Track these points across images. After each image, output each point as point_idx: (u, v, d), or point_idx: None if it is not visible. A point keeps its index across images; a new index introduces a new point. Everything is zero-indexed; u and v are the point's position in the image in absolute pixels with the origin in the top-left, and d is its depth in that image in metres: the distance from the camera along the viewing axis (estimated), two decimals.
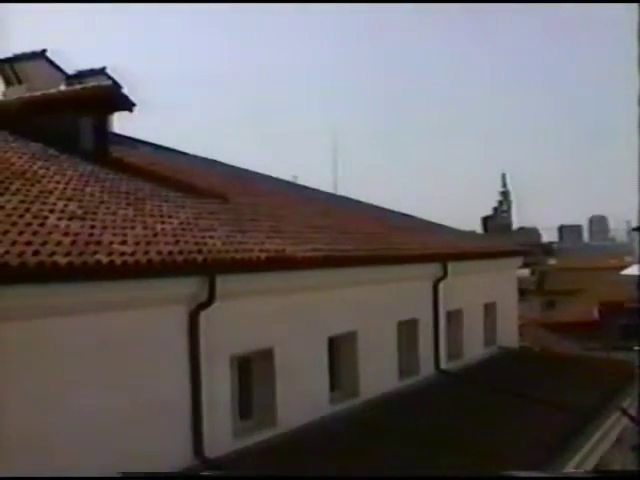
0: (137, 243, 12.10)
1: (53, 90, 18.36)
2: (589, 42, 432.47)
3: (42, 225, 11.43)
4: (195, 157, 23.84)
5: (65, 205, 12.90)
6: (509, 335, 26.18)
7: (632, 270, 59.94)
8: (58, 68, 22.76)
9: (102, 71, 21.79)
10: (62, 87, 19.36)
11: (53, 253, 10.43)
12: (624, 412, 22.43)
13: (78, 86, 19.26)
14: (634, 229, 77.31)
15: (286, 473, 12.05)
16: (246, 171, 24.72)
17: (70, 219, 12.20)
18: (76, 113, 17.64)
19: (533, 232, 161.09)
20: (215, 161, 24.43)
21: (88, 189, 14.58)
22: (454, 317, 22.11)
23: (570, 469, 16.84)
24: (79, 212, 12.76)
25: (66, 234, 11.33)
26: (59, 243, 10.86)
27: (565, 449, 16.72)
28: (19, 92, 19.67)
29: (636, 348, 44.02)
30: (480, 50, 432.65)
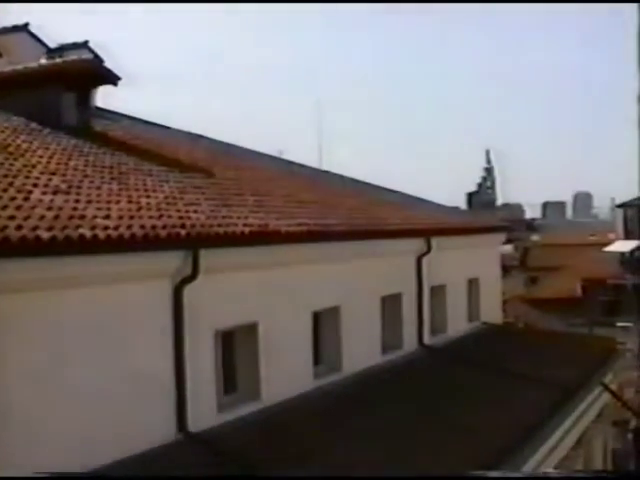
0: (121, 217, 12.07)
1: (34, 64, 18.22)
2: (581, 21, 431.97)
3: (26, 199, 11.39)
4: (179, 131, 23.74)
5: (49, 179, 12.85)
6: (492, 311, 26.27)
7: (615, 247, 60.29)
8: (40, 41, 22.61)
9: (85, 45, 21.64)
10: (43, 61, 19.22)
11: (36, 227, 10.39)
12: (606, 387, 22.58)
13: (59, 60, 19.13)
14: (618, 206, 77.81)
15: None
16: (230, 145, 24.65)
17: (54, 193, 12.16)
18: (59, 87, 17.51)
19: (517, 208, 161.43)
20: (199, 135, 24.33)
21: (72, 163, 14.52)
22: (438, 292, 22.16)
23: (552, 443, 16.97)
24: (63, 186, 12.71)
25: (50, 208, 11.30)
26: (42, 217, 10.83)
27: (547, 424, 16.82)
28: (0, 65, 19.52)
29: (618, 324, 44.44)
30: (470, 27, 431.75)
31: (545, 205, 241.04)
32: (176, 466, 11.77)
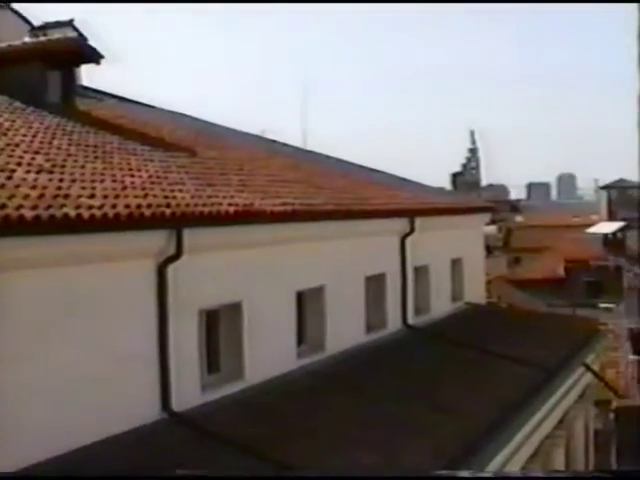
0: (105, 197, 12.04)
1: (18, 42, 18.12)
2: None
3: (9, 178, 11.34)
4: (163, 110, 23.67)
5: (32, 158, 12.80)
6: (476, 291, 26.35)
7: (598, 228, 60.65)
8: (24, 19, 22.46)
9: (69, 23, 21.52)
10: (26, 39, 19.11)
11: (20, 206, 10.37)
12: (588, 368, 22.73)
13: (43, 38, 19.03)
14: (601, 188, 78.21)
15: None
16: (214, 125, 24.59)
17: (38, 172, 12.12)
18: (42, 65, 17.42)
19: (502, 189, 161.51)
20: (183, 114, 24.27)
21: (55, 142, 14.46)
22: (421, 272, 22.22)
23: (534, 423, 17.08)
24: (47, 165, 12.67)
25: (34, 187, 11.26)
26: (26, 196, 10.80)
27: (529, 404, 16.93)
28: None
29: (601, 305, 44.72)
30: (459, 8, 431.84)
31: (529, 186, 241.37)
32: (161, 446, 11.82)
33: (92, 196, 11.83)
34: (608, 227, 60.74)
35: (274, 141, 26.71)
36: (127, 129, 17.81)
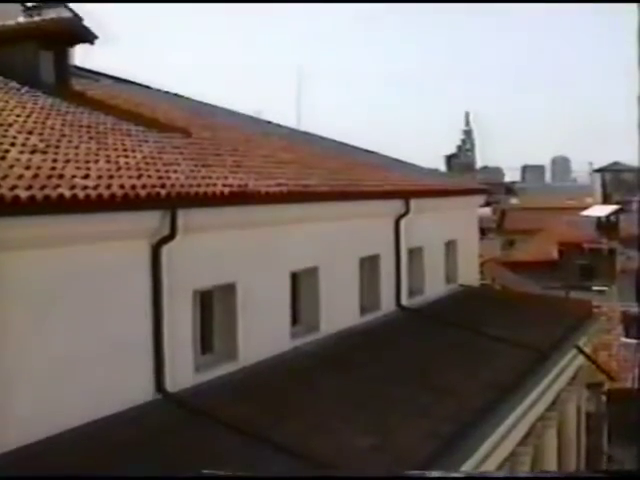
0: (100, 177, 12.03)
1: (11, 22, 18.04)
2: None
3: (3, 159, 11.31)
4: (157, 91, 23.60)
5: (26, 139, 12.76)
6: (470, 273, 26.39)
7: (592, 211, 60.71)
8: None
9: (63, 2, 21.40)
10: (20, 19, 19.03)
11: (14, 187, 10.35)
12: (580, 350, 22.79)
13: (37, 18, 18.94)
14: (595, 171, 78.35)
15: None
16: (209, 105, 24.54)
17: (32, 153, 12.09)
18: (37, 46, 17.36)
19: (496, 171, 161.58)
20: (177, 95, 24.20)
21: (49, 122, 14.41)
22: (415, 254, 22.24)
23: (527, 404, 17.15)
24: (41, 146, 12.64)
25: (28, 168, 11.24)
26: (21, 177, 10.78)
27: (522, 386, 17.00)
28: None
29: (594, 288, 44.81)
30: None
31: (524, 168, 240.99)
32: (155, 426, 11.85)
33: (86, 176, 11.82)
34: (602, 210, 60.81)
35: (269, 122, 26.65)
36: (121, 110, 17.77)
